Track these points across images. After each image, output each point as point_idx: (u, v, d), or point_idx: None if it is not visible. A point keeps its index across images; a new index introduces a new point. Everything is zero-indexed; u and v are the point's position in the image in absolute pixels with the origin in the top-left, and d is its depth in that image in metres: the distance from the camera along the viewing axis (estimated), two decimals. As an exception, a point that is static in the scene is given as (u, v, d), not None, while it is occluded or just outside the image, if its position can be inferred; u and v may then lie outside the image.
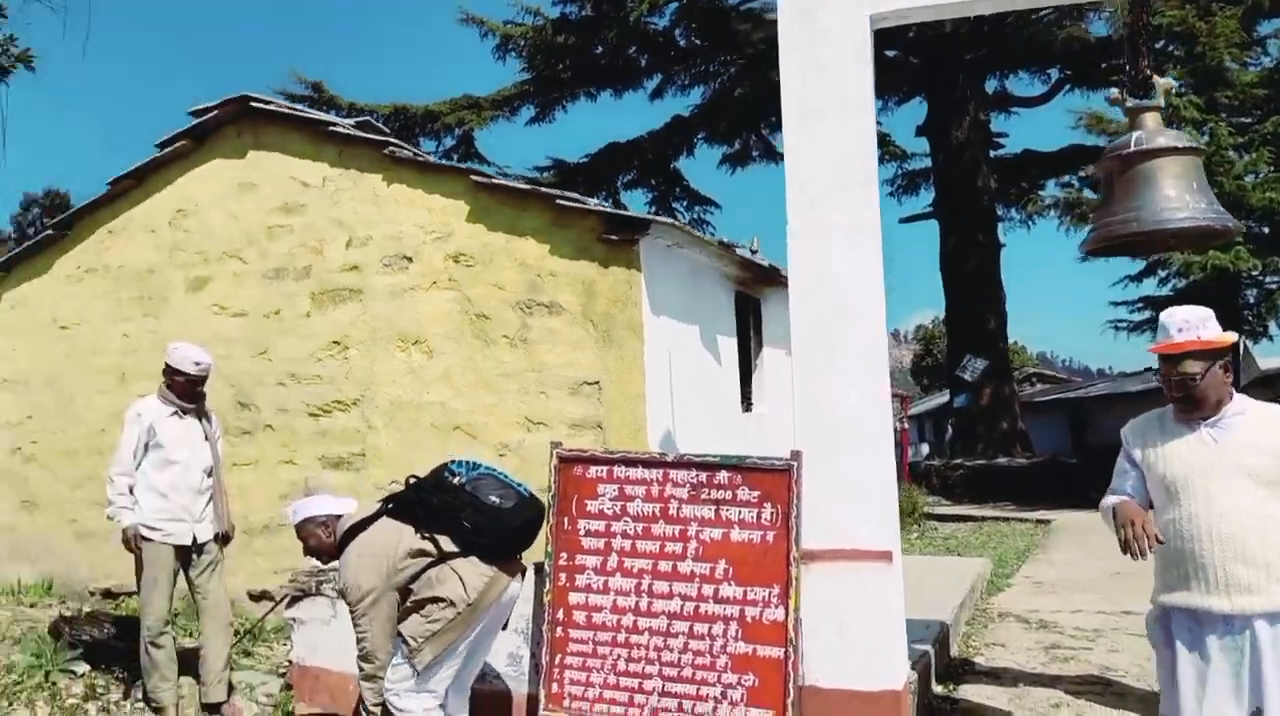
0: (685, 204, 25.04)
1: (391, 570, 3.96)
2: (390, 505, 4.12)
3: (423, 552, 3.96)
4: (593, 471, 4.67)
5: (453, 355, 6.54)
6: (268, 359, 7.16)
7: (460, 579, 3.91)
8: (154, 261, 7.63)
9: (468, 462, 4.12)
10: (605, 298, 6.15)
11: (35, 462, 7.93)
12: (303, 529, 4.24)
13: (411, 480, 4.14)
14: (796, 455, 4.38)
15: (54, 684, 5.49)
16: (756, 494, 4.41)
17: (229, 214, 7.41)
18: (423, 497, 4.01)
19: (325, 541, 4.20)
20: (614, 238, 6.12)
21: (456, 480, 4.02)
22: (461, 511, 3.92)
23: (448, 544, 3.94)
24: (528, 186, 6.45)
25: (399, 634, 3.97)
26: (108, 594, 7.44)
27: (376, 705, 4.01)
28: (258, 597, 6.95)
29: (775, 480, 4.40)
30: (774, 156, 25.14)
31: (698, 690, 4.39)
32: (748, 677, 4.33)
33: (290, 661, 5.52)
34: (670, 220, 6.09)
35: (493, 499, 3.94)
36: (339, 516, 4.21)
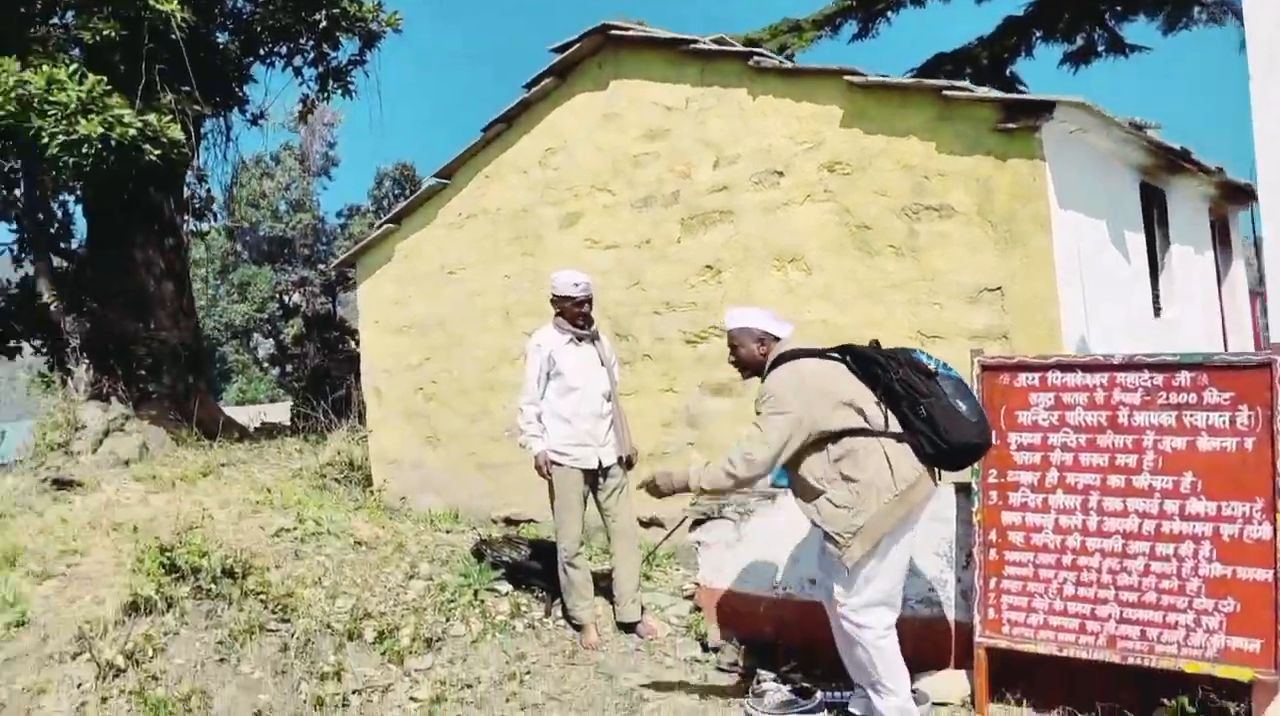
0: (1025, 111, 23.28)
1: (823, 409, 3.87)
2: (846, 357, 4.05)
3: (863, 413, 3.86)
4: (1022, 379, 4.34)
5: (833, 270, 6.35)
6: (641, 289, 7.31)
7: (889, 463, 3.80)
8: (527, 201, 8.00)
9: (936, 359, 3.95)
10: (1004, 193, 5.70)
11: (436, 401, 8.65)
12: (736, 337, 4.27)
13: (876, 343, 4.06)
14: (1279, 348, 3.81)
15: (482, 601, 5.95)
16: (1228, 396, 3.91)
17: (595, 146, 7.60)
18: (888, 363, 3.90)
19: (756, 356, 4.20)
20: (1012, 126, 5.63)
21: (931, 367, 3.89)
22: (923, 398, 3.77)
23: (893, 422, 3.83)
24: (910, 80, 6.06)
25: (826, 536, 3.89)
26: (509, 521, 8.01)
27: (715, 491, 4.16)
28: (647, 524, 7.17)
29: (1252, 379, 3.87)
30: (1121, 49, 22.90)
31: (1164, 617, 4.00)
32: (1226, 603, 3.89)
33: (697, 583, 5.63)
34: (1079, 98, 5.50)
35: (960, 404, 3.75)
36: (777, 338, 4.19)
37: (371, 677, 5.28)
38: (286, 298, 51.79)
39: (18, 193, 13.44)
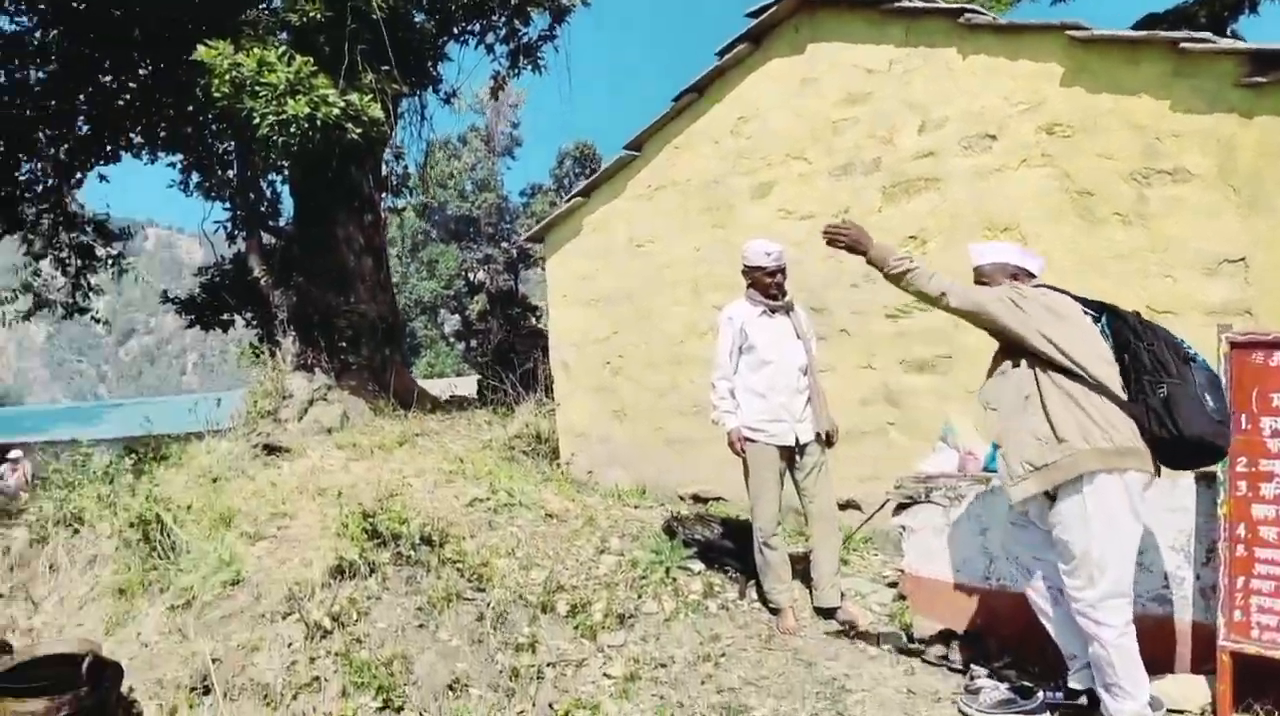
0: (1247, 70, 21.52)
1: (1051, 332, 3.73)
2: (1102, 315, 3.87)
3: (1087, 367, 3.67)
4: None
5: (1051, 239, 5.94)
6: (838, 260, 7.05)
7: (1104, 416, 3.57)
8: (718, 172, 7.87)
9: (1198, 353, 3.69)
10: (1250, 154, 5.18)
11: (623, 375, 8.65)
12: (987, 273, 4.17)
13: (1137, 314, 3.85)
14: None
15: (674, 579, 5.89)
16: None
17: (790, 113, 7.39)
18: (1144, 332, 3.70)
19: None
20: (1261, 79, 5.10)
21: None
22: (1168, 378, 3.53)
23: (1120, 389, 3.62)
24: (1141, 33, 5.58)
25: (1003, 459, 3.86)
26: (696, 498, 7.93)
27: (910, 287, 4.10)
28: (843, 506, 6.95)
29: None
30: (1363, -3, 20.80)
31: None
32: None
33: (901, 570, 5.39)
34: (1345, 45, 4.93)
35: (1208, 398, 3.47)
36: (1032, 274, 4.03)
37: (565, 651, 5.30)
38: (471, 275, 53.65)
39: (231, 174, 14.27)
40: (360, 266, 13.34)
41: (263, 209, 14.41)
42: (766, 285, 5.58)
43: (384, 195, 14.11)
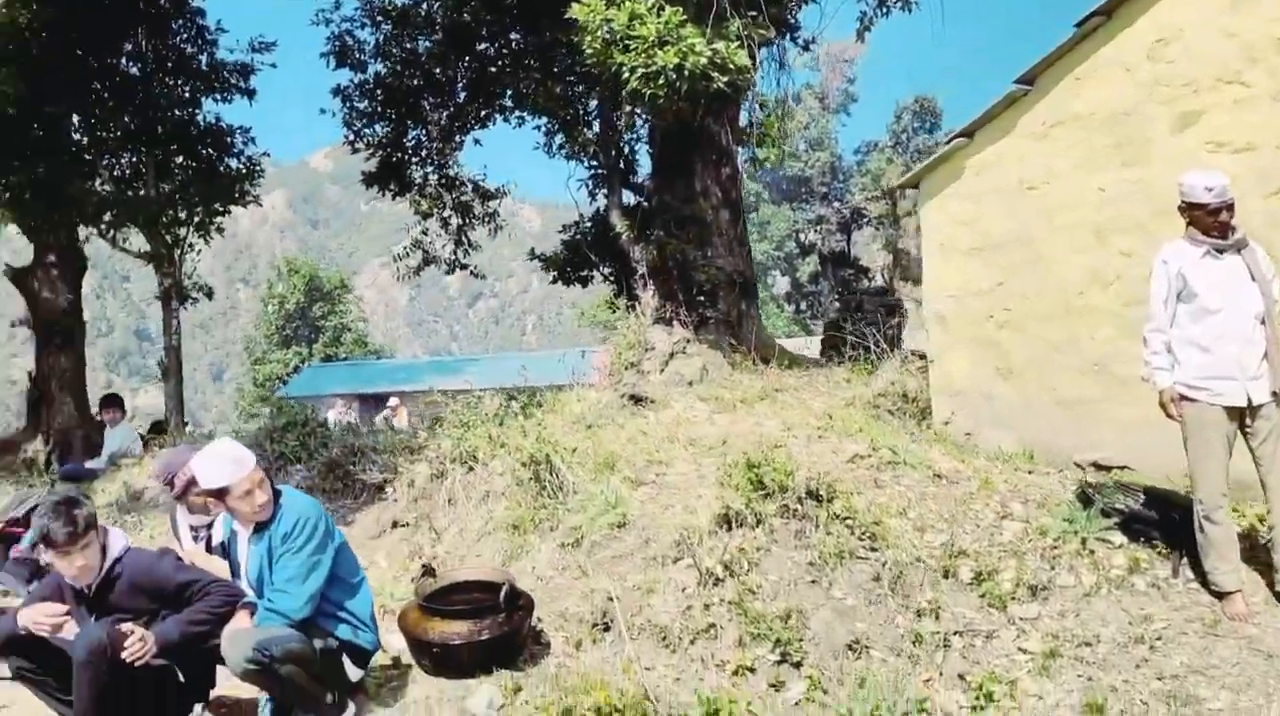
0: None
1: None
2: None
3: None
4: None
5: None
6: (1286, 197, 6.21)
7: None
8: (1130, 102, 7.15)
9: None
10: None
11: (1009, 328, 8.13)
12: None
13: None
14: None
15: (1091, 551, 5.45)
16: None
17: (1222, 33, 6.58)
18: None
19: None
20: None
21: None
22: None
23: None
24: None
25: None
26: (1096, 466, 7.33)
27: None
28: None
29: None
30: None
31: None
32: None
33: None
34: None
35: None
36: None
37: (972, 620, 5.05)
38: (803, 236, 53.53)
39: (592, 133, 14.86)
40: (718, 220, 13.44)
41: (621, 166, 14.89)
42: (1209, 226, 4.98)
43: (740, 147, 14.14)
